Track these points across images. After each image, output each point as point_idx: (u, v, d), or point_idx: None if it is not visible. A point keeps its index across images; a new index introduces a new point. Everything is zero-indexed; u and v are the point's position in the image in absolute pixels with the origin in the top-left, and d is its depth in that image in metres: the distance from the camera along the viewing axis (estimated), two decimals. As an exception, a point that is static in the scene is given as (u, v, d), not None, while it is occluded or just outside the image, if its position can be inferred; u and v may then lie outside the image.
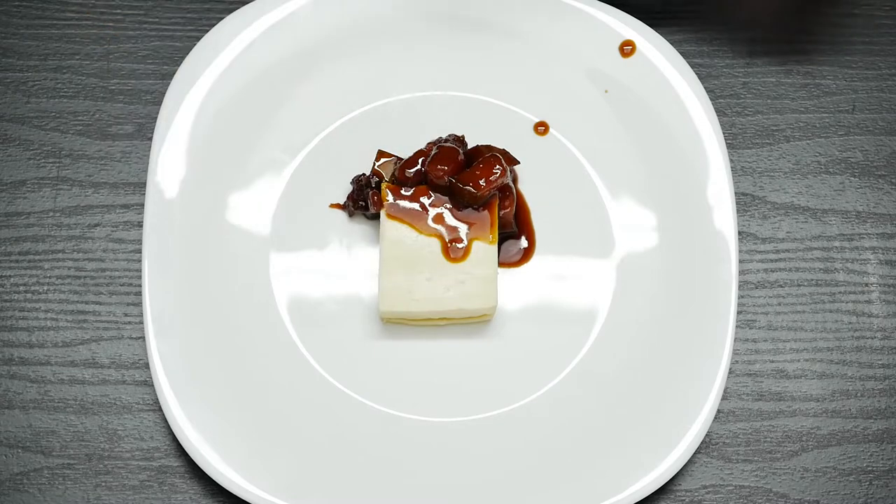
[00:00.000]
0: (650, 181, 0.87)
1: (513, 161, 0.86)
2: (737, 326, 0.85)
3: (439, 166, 0.83)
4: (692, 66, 0.89)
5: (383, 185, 0.84)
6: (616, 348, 0.84)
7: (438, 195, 0.84)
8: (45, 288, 0.86)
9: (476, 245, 0.83)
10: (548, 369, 0.83)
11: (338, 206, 0.87)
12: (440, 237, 0.83)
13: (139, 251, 0.85)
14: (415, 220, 0.83)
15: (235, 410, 0.81)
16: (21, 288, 0.86)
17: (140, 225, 0.85)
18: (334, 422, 0.82)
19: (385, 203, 0.83)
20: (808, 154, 0.90)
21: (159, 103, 0.88)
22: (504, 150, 0.86)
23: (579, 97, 0.89)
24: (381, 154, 0.87)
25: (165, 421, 0.82)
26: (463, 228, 0.83)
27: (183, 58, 0.88)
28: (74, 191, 0.88)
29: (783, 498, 0.82)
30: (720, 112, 0.90)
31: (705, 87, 0.88)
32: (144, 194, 0.85)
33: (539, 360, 0.83)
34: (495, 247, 0.83)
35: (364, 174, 0.86)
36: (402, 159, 0.86)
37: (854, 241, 0.88)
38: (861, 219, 0.89)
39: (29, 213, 0.87)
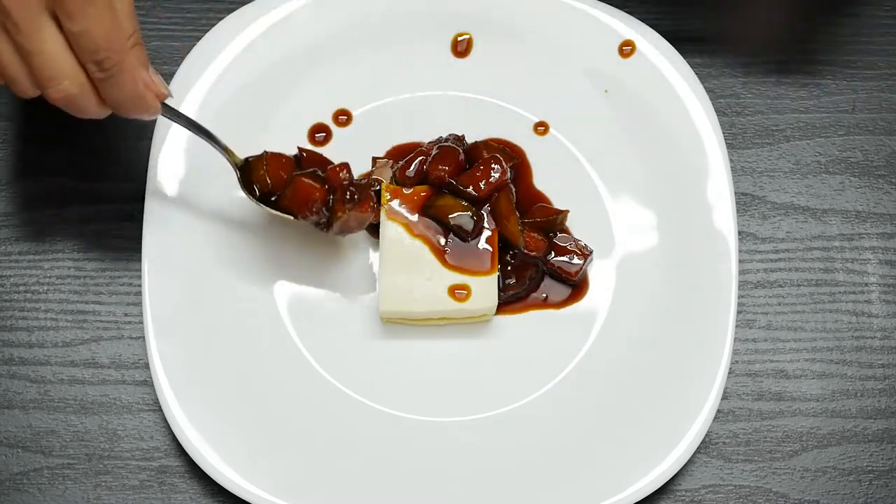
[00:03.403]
0: (650, 181, 0.87)
1: (512, 157, 0.86)
2: (737, 326, 0.85)
3: (440, 166, 0.83)
4: (692, 66, 0.89)
5: (383, 186, 0.84)
6: (616, 348, 0.84)
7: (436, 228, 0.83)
8: (45, 288, 0.86)
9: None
10: (548, 369, 0.83)
11: (338, 206, 0.87)
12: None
13: (139, 251, 0.85)
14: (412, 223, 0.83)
15: (235, 410, 0.81)
16: (21, 288, 0.86)
17: (140, 225, 0.85)
18: (334, 422, 0.82)
19: (385, 204, 0.83)
20: (808, 154, 0.90)
21: (159, 103, 0.88)
22: (503, 146, 0.86)
23: (579, 97, 0.89)
24: (374, 160, 0.87)
25: (165, 421, 0.82)
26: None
27: (183, 58, 0.88)
28: (74, 191, 0.88)
29: (783, 498, 0.83)
30: (720, 112, 0.90)
31: (705, 87, 0.88)
32: (144, 194, 0.85)
33: (539, 359, 0.84)
34: (495, 247, 0.83)
35: (364, 179, 0.86)
36: (397, 161, 0.86)
37: (854, 241, 0.88)
38: (861, 219, 0.89)
39: (29, 213, 0.87)
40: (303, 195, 0.80)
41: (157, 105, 0.76)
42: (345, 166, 0.81)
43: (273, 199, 0.82)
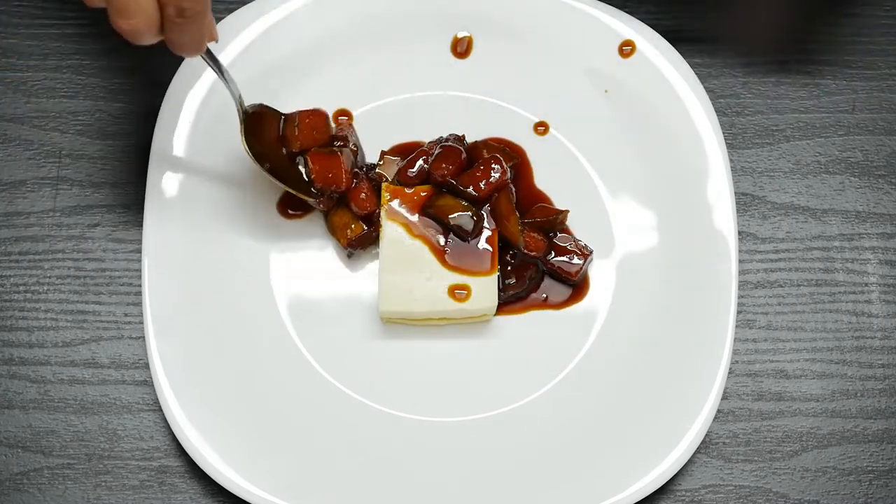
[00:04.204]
0: (650, 181, 0.87)
1: (512, 157, 0.86)
2: (737, 326, 0.85)
3: (442, 165, 0.83)
4: (692, 66, 0.89)
5: (384, 187, 0.84)
6: (616, 348, 0.84)
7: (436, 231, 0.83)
8: (45, 288, 0.86)
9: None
10: (548, 369, 0.83)
11: (338, 206, 0.87)
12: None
13: (139, 251, 0.85)
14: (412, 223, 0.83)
15: (235, 410, 0.81)
16: (21, 288, 0.86)
17: (140, 225, 0.85)
18: (334, 421, 0.82)
19: (385, 204, 0.83)
20: (808, 154, 0.90)
21: (159, 103, 0.88)
22: (503, 146, 0.86)
23: (579, 97, 0.89)
24: (382, 154, 0.87)
25: (165, 421, 0.82)
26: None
27: (183, 57, 0.88)
28: (74, 191, 0.88)
29: (783, 498, 0.83)
30: (720, 112, 0.90)
31: (705, 87, 0.88)
32: (144, 194, 0.85)
33: (539, 359, 0.84)
34: (495, 247, 0.83)
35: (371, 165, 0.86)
36: (402, 160, 0.86)
37: (854, 241, 0.88)
38: (861, 219, 0.89)
39: (29, 213, 0.87)
40: (332, 176, 0.83)
41: (205, 48, 0.76)
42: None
43: (297, 154, 0.84)
